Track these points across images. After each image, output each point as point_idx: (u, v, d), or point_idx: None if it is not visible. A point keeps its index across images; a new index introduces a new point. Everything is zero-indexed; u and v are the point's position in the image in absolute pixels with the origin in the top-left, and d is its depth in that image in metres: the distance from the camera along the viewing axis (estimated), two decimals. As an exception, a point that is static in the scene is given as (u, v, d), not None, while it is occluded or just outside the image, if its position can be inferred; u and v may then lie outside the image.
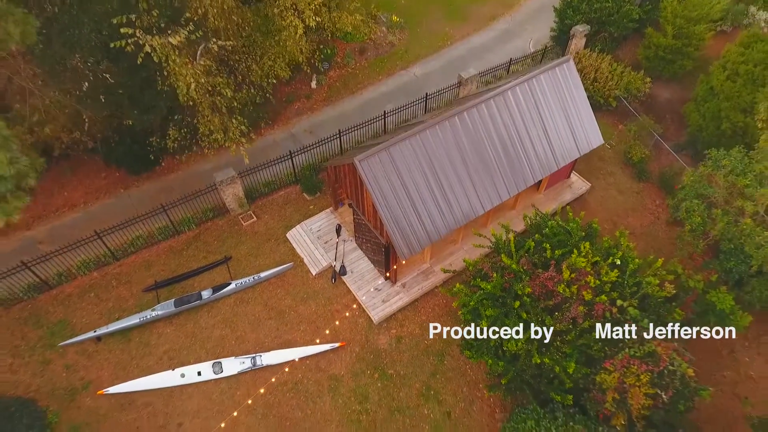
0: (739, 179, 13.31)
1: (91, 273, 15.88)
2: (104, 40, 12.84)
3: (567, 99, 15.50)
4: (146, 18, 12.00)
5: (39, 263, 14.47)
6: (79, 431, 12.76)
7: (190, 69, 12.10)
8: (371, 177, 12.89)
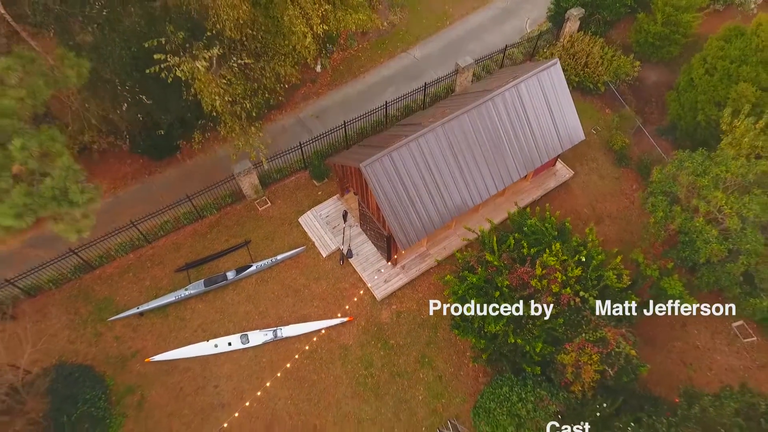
0: (699, 179, 15.33)
1: (127, 255, 18.22)
2: (134, 55, 14.49)
3: (553, 99, 17.20)
4: (174, 40, 13.60)
5: (83, 249, 16.77)
6: (133, 392, 15.52)
7: (214, 87, 13.86)
8: (375, 180, 14.93)
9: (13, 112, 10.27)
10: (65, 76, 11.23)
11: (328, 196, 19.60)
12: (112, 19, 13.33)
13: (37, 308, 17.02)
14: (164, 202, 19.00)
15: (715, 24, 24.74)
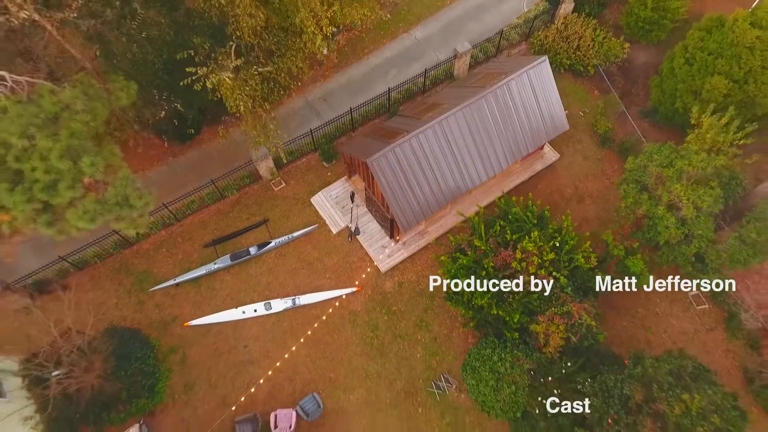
0: (665, 171, 17.70)
1: (160, 232, 20.89)
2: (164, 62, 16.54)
3: (541, 94, 19.27)
4: (201, 52, 15.63)
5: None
6: (176, 351, 18.66)
7: (238, 93, 16.00)
8: (380, 171, 17.35)
9: (81, 134, 12.60)
10: (117, 97, 13.44)
11: (337, 177, 22.01)
12: (146, 33, 15.28)
13: (86, 280, 19.90)
14: (188, 181, 21.52)
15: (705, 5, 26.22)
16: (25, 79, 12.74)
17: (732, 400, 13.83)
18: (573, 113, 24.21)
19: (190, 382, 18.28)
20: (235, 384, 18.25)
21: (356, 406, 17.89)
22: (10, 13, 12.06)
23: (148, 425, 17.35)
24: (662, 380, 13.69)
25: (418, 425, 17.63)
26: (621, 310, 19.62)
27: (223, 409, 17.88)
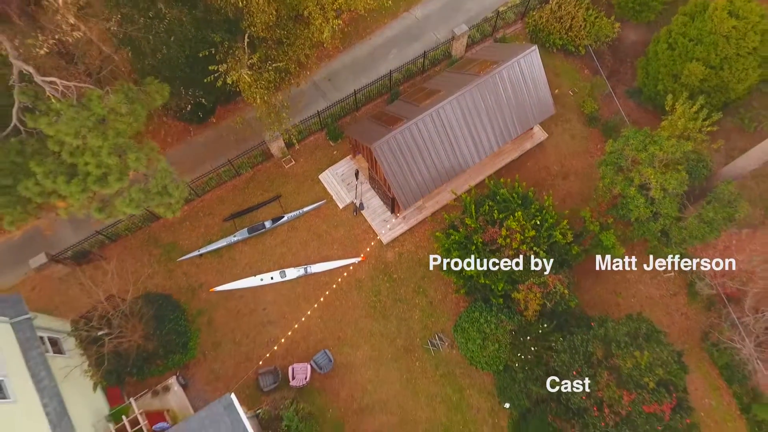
0: (639, 154, 19.99)
1: (182, 207, 23.36)
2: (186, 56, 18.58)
3: (530, 81, 21.28)
4: (221, 50, 17.67)
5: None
6: (203, 314, 21.59)
7: (255, 88, 18.14)
8: (383, 156, 19.68)
9: (125, 133, 14.91)
10: (153, 99, 15.63)
11: (342, 156, 24.31)
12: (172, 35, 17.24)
13: (119, 251, 22.58)
14: (205, 158, 23.87)
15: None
16: (74, 84, 14.91)
17: (677, 356, 16.78)
18: (563, 92, 26.22)
19: (217, 341, 21.29)
20: (256, 342, 21.28)
21: (362, 361, 20.97)
22: (64, 32, 14.10)
23: (183, 377, 20.47)
24: (620, 340, 16.58)
25: (415, 376, 20.77)
26: (596, 276, 22.39)
27: (247, 364, 20.98)
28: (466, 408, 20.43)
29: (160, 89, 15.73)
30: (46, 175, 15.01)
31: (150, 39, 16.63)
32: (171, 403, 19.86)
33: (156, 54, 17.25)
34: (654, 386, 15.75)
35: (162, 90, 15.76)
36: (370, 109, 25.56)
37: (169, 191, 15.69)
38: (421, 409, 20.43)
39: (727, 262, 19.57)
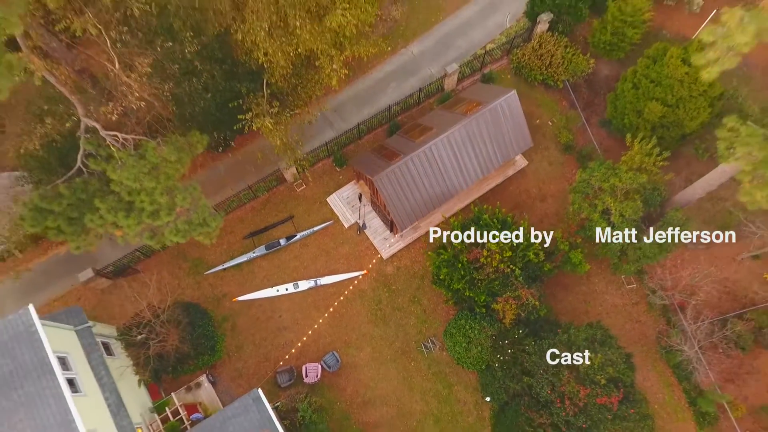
0: (603, 184, 23.75)
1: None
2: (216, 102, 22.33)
3: (509, 120, 25.00)
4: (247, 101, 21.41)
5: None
6: (227, 320, 25.37)
7: (275, 132, 21.86)
8: (383, 186, 23.43)
9: (173, 177, 18.64)
10: (195, 147, 19.36)
11: (347, 180, 28.06)
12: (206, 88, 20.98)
13: (153, 265, 26.33)
14: (226, 182, 27.57)
15: (668, 18, 31.36)
16: (132, 137, 18.64)
17: (626, 358, 20.62)
18: (543, 122, 30.00)
19: (240, 344, 25.10)
20: (273, 344, 25.09)
21: (365, 361, 24.81)
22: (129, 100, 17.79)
23: (212, 375, 24.28)
24: (579, 344, 20.39)
25: (410, 374, 24.62)
26: (569, 288, 26.26)
27: (266, 363, 24.82)
28: (454, 401, 24.28)
29: (201, 139, 19.47)
30: (108, 210, 18.75)
31: (191, 95, 20.36)
32: (202, 397, 23.68)
33: (195, 107, 21.00)
34: (605, 382, 19.58)
35: (202, 140, 19.50)
36: (371, 137, 29.32)
37: (207, 222, 19.45)
38: (416, 403, 24.27)
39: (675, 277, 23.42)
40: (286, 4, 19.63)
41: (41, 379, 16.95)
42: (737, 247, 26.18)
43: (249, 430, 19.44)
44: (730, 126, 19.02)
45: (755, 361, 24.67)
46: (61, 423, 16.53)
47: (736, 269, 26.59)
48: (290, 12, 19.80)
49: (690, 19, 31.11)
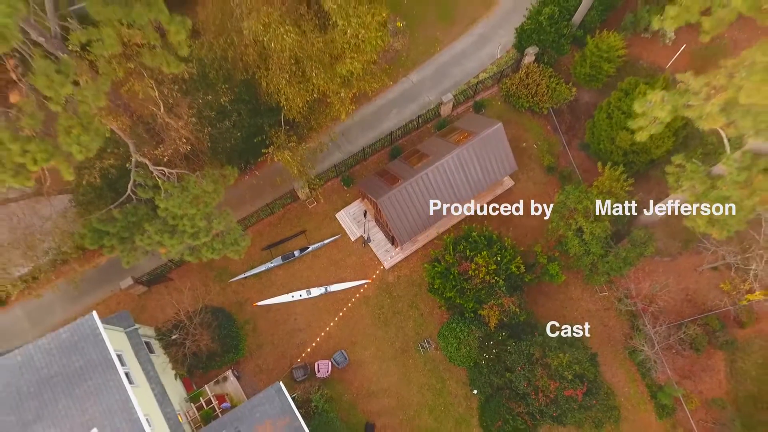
0: (577, 205, 27.73)
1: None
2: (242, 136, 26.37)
3: (495, 148, 28.95)
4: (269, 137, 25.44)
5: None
6: (249, 322, 29.50)
7: (293, 163, 25.88)
8: (385, 207, 27.46)
9: (211, 205, 22.68)
10: (228, 179, 23.39)
11: (353, 198, 32.09)
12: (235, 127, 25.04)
13: (182, 274, 30.42)
14: (246, 199, 31.58)
15: (644, 49, 35.14)
16: (176, 171, 22.67)
17: (590, 357, 24.68)
18: (529, 145, 33.96)
19: (260, 343, 29.22)
20: (289, 344, 29.22)
21: (369, 358, 28.93)
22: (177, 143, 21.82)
23: (236, 370, 28.42)
24: (552, 345, 24.45)
25: (409, 370, 28.74)
26: (549, 295, 30.30)
27: (283, 360, 28.95)
28: (446, 394, 28.43)
29: (232, 172, 23.53)
30: (155, 232, 22.82)
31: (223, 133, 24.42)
32: (228, 389, 27.82)
33: (226, 143, 25.06)
34: (571, 378, 23.66)
35: (233, 173, 23.57)
36: (375, 159, 33.31)
37: (238, 242, 23.53)
38: (413, 395, 28.41)
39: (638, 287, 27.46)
40: (303, 57, 23.58)
41: (105, 373, 21.06)
42: (699, 259, 30.27)
43: (272, 416, 23.55)
44: (677, 163, 22.96)
45: (709, 360, 28.74)
46: (123, 408, 20.65)
47: (696, 279, 30.62)
48: (307, 64, 23.76)
49: (664, 50, 34.90)
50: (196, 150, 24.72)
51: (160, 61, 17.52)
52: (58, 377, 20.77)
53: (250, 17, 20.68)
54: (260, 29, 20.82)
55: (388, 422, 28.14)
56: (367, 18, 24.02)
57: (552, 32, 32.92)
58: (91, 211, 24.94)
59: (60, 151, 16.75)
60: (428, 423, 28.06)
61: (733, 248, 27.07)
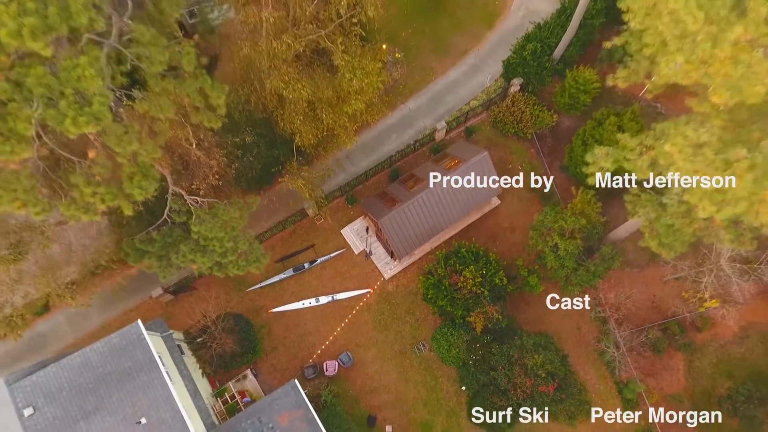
0: (554, 224, 32.14)
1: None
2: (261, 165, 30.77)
3: (481, 174, 33.29)
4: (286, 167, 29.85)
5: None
6: (264, 327, 33.97)
7: (306, 189, 30.26)
8: (385, 226, 31.88)
9: (236, 228, 27.07)
10: (251, 206, 27.76)
11: (357, 216, 36.51)
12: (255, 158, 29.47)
13: (204, 283, 34.83)
14: (261, 216, 35.97)
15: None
16: (207, 200, 27.05)
17: (562, 358, 29.15)
18: (515, 167, 38.37)
19: (274, 345, 33.69)
20: (300, 346, 33.70)
21: (371, 359, 33.41)
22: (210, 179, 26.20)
23: (254, 369, 32.87)
24: (528, 347, 28.92)
25: (406, 369, 33.24)
26: (530, 302, 34.77)
27: (295, 361, 33.42)
28: (439, 390, 32.92)
29: (255, 200, 27.91)
30: (189, 251, 27.19)
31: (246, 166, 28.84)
32: (248, 386, 32.29)
33: (248, 174, 29.47)
34: (544, 375, 28.13)
35: (256, 201, 27.95)
36: (376, 179, 37.71)
37: (259, 260, 27.92)
38: (410, 391, 32.90)
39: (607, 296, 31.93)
40: (315, 100, 27.94)
41: (150, 372, 25.47)
42: (664, 270, 34.73)
43: (289, 409, 27.98)
44: (634, 192, 27.34)
45: (671, 360, 33.27)
46: (166, 401, 25.06)
47: (662, 288, 35.12)
48: (318, 106, 28.13)
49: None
50: (223, 181, 29.08)
51: (202, 118, 21.87)
52: (111, 375, 25.20)
53: (272, 75, 25.02)
54: (281, 85, 25.18)
55: (388, 415, 32.62)
56: (370, 66, 28.34)
57: (535, 66, 37.26)
58: (128, 233, 29.32)
59: (123, 193, 21.10)
60: (423, 415, 32.57)
61: (689, 263, 31.52)
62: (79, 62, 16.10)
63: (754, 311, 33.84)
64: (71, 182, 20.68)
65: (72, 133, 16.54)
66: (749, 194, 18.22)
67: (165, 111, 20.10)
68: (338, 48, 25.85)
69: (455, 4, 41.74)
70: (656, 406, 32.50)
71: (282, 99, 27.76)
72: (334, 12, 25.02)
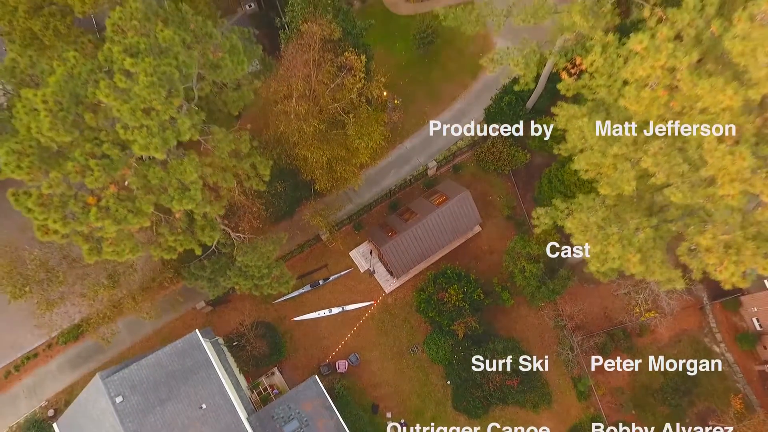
0: (522, 251, 40.98)
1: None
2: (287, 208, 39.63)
3: (464, 207, 42.13)
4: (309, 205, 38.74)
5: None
6: (287, 333, 43.01)
7: (323, 224, 39.04)
8: (386, 252, 40.76)
9: (270, 258, 35.87)
10: (281, 240, 36.52)
11: (362, 240, 45.43)
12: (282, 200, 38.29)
13: (238, 297, 43.68)
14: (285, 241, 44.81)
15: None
16: (247, 236, 35.85)
17: (525, 359, 38.15)
18: (494, 198, 47.29)
19: (296, 348, 42.68)
20: (317, 348, 42.70)
21: (375, 359, 42.46)
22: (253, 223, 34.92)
23: (280, 367, 41.82)
24: (498, 350, 37.88)
25: (402, 368, 42.31)
26: (505, 313, 43.77)
27: (312, 361, 42.39)
28: (429, 384, 41.98)
29: (284, 236, 36.77)
30: (234, 276, 36.01)
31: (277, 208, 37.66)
32: (275, 381, 41.30)
33: (278, 213, 38.27)
34: (510, 372, 37.06)
35: (284, 237, 36.81)
36: (378, 209, 46.59)
37: (288, 281, 36.78)
38: (405, 384, 41.97)
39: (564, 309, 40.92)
40: (332, 158, 36.72)
41: (207, 370, 34.34)
42: (615, 286, 43.63)
43: (311, 398, 36.90)
44: (580, 230, 36.12)
45: (615, 360, 42.21)
46: (219, 392, 33.98)
47: (613, 300, 44.13)
48: (334, 162, 36.92)
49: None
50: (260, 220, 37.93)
51: (252, 184, 30.65)
52: (177, 372, 34.10)
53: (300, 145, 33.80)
54: (306, 153, 33.96)
55: (388, 404, 41.66)
56: (373, 127, 37.06)
57: (510, 114, 46.08)
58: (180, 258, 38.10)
59: (196, 239, 29.89)
60: (416, 404, 41.61)
61: (630, 281, 40.44)
62: (182, 163, 24.86)
63: (684, 320, 42.95)
64: (159, 232, 29.51)
65: (176, 209, 25.33)
66: (619, 257, 27.37)
67: (228, 183, 28.86)
68: (350, 120, 34.60)
69: (446, 57, 50.49)
70: (603, 397, 41.52)
71: (306, 158, 36.52)
72: (347, 95, 33.73)
